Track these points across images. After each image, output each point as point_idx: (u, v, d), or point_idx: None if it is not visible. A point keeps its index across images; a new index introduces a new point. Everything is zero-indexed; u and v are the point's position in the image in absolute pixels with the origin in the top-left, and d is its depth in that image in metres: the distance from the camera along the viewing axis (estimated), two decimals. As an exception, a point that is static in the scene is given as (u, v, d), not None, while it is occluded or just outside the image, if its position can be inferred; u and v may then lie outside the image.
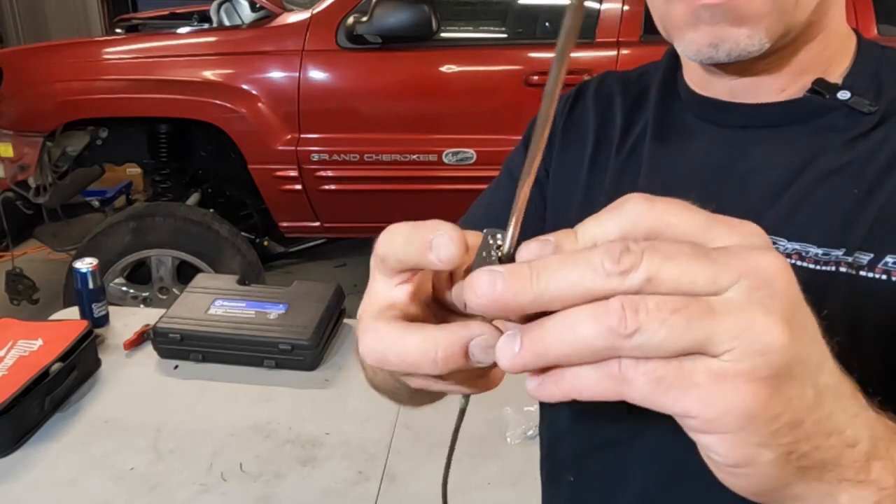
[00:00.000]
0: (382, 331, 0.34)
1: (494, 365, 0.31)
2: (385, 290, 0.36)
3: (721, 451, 0.29)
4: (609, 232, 0.30)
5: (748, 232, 0.30)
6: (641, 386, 0.28)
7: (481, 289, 0.29)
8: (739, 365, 0.27)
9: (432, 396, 0.52)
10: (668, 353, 0.27)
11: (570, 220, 0.70)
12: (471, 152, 2.77)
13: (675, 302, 0.27)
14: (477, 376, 0.38)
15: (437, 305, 0.38)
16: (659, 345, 0.27)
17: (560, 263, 0.29)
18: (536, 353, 0.29)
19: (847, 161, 0.54)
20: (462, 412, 0.41)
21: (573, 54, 0.28)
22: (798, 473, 0.30)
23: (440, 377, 0.36)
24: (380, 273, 0.36)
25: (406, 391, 0.47)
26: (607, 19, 2.72)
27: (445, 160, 2.78)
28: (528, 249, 0.31)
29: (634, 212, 0.30)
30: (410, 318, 0.36)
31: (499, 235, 0.32)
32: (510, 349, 0.29)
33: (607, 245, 0.28)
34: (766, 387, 0.27)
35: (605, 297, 0.28)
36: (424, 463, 1.21)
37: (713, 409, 0.27)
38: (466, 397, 0.40)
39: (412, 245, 0.33)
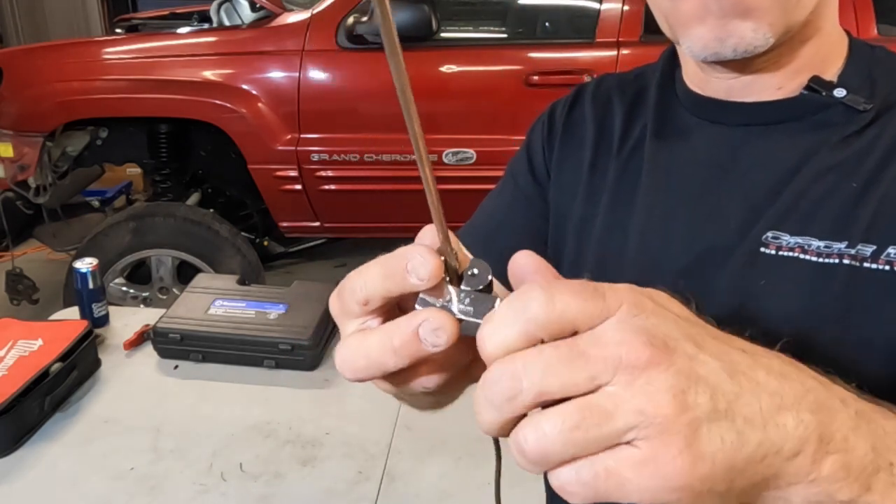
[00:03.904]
0: (349, 341, 0.38)
1: (447, 346, 0.35)
2: (355, 326, 0.39)
3: None
4: (514, 339, 0.32)
5: (621, 298, 0.32)
6: (586, 498, 0.31)
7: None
8: (651, 447, 0.30)
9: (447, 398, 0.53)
10: (587, 462, 0.30)
11: (572, 219, 0.70)
12: (471, 152, 2.77)
13: (571, 417, 0.30)
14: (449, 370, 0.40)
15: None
16: (576, 463, 0.30)
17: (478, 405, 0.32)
18: None
19: (844, 157, 0.55)
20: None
21: (574, 54, 0.28)
22: (743, 496, 0.32)
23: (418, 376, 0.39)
24: (350, 319, 0.39)
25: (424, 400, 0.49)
26: (607, 19, 2.71)
27: (445, 160, 2.78)
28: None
29: (532, 311, 0.32)
30: None
31: (475, 269, 0.36)
32: None
33: (490, 379, 0.31)
34: (684, 455, 0.29)
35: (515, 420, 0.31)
36: (424, 463, 1.21)
37: (649, 497, 0.30)
38: None
39: (391, 278, 0.36)
